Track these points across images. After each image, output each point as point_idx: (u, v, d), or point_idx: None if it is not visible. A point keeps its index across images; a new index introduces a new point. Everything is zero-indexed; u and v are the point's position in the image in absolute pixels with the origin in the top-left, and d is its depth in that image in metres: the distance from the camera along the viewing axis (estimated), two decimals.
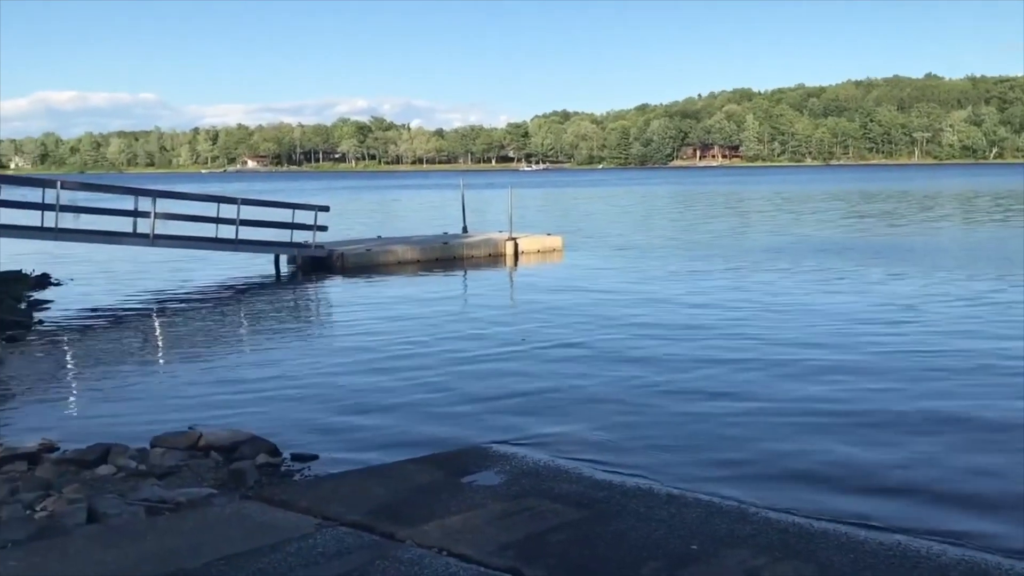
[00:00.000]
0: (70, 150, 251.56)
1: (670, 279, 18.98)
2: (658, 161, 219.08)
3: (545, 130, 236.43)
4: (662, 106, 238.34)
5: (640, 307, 15.16)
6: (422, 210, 52.22)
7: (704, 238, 29.65)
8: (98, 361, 11.86)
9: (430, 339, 12.79)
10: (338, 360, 11.53)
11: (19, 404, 9.57)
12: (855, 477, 6.70)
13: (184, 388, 10.19)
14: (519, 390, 9.70)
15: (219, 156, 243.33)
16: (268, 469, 6.84)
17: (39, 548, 4.73)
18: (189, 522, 5.15)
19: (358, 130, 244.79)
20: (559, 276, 20.47)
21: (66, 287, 19.18)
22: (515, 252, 24.28)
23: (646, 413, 8.62)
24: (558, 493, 5.81)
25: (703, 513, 5.49)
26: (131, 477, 6.47)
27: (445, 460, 6.68)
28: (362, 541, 4.85)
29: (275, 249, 21.95)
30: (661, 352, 11.37)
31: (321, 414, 8.93)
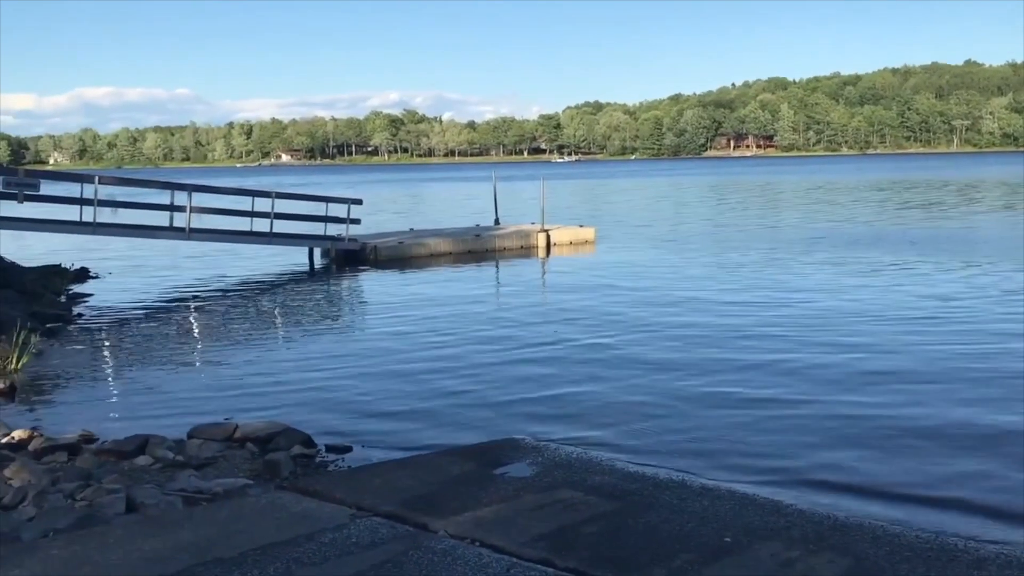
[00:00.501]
0: (107, 145, 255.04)
1: (705, 272, 18.82)
2: (691, 152, 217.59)
3: (577, 121, 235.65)
4: (695, 96, 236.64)
5: (674, 302, 14.98)
6: (454, 202, 52.35)
7: (739, 229, 29.39)
8: (136, 353, 12.03)
9: (462, 332, 12.82)
10: (371, 353, 11.61)
11: (59, 395, 9.74)
12: (893, 487, 6.37)
13: (220, 380, 10.31)
14: (551, 384, 9.70)
15: (253, 150, 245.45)
16: (303, 460, 6.91)
17: (80, 536, 4.82)
18: (225, 512, 5.21)
19: (390, 123, 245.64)
20: (592, 268, 20.40)
21: (104, 280, 19.47)
22: (547, 244, 24.26)
23: (678, 412, 8.51)
24: (590, 485, 5.80)
25: (736, 505, 5.46)
26: (168, 468, 6.56)
27: (477, 452, 6.69)
28: (396, 532, 4.88)
29: (309, 242, 22.12)
30: (695, 350, 11.19)
31: (354, 406, 9.00)
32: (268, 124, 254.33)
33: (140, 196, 21.84)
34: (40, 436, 7.47)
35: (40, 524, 5.05)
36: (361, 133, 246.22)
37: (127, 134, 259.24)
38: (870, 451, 7.19)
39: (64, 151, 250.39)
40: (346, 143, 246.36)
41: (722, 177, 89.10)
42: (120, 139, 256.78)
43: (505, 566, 4.42)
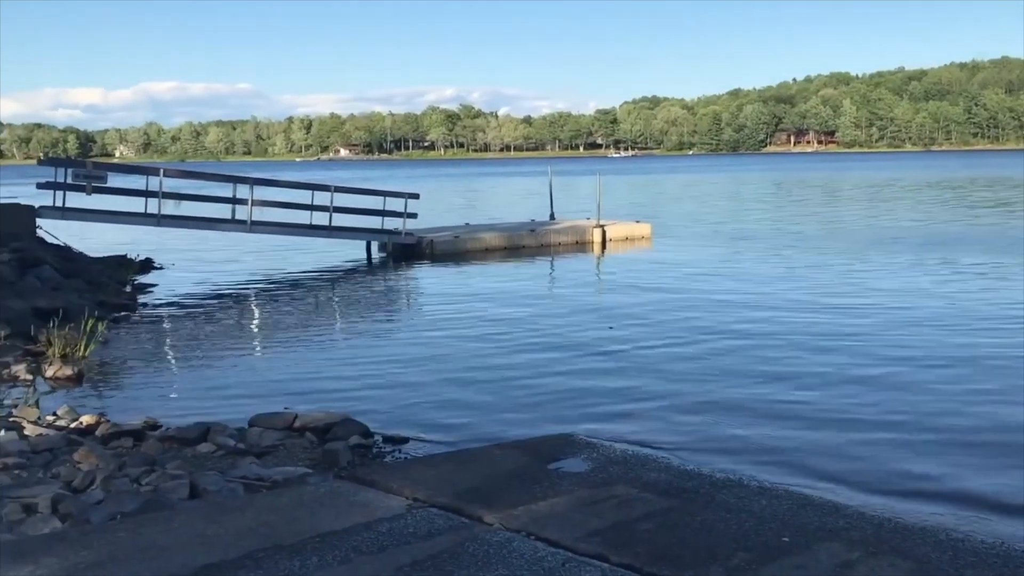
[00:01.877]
0: (171, 139, 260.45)
1: (764, 271, 18.51)
2: (751, 147, 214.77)
3: (634, 116, 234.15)
4: (755, 91, 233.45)
5: (733, 301, 14.74)
6: (509, 197, 52.42)
7: (801, 228, 28.91)
8: (198, 343, 12.29)
9: (516, 326, 12.85)
10: (426, 346, 11.69)
11: (124, 383, 10.00)
12: (957, 492, 6.20)
13: (278, 370, 10.49)
14: (605, 380, 9.67)
15: (312, 145, 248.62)
16: (360, 450, 7.00)
17: (145, 520, 4.94)
18: (285, 499, 5.30)
19: (447, 118, 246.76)
20: (648, 265, 20.27)
21: (168, 271, 19.91)
22: (603, 239, 24.15)
23: (735, 411, 8.39)
24: (646, 481, 5.78)
25: (794, 506, 5.39)
26: (230, 455, 6.70)
27: (532, 446, 6.71)
28: (451, 523, 4.92)
29: (366, 236, 22.34)
30: (753, 350, 11.00)
31: (410, 398, 9.08)
32: (327, 119, 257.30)
33: (203, 189, 22.27)
34: (107, 422, 7.68)
35: (108, 507, 5.20)
36: (418, 128, 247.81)
37: (190, 128, 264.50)
38: (934, 456, 7.06)
39: (129, 144, 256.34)
40: (403, 138, 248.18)
41: (782, 173, 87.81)
42: (183, 133, 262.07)
43: (560, 560, 4.43)
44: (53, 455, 6.52)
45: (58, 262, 16.11)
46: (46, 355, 10.58)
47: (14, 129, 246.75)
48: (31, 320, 11.65)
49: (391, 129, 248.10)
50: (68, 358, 10.40)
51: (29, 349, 10.83)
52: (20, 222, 18.51)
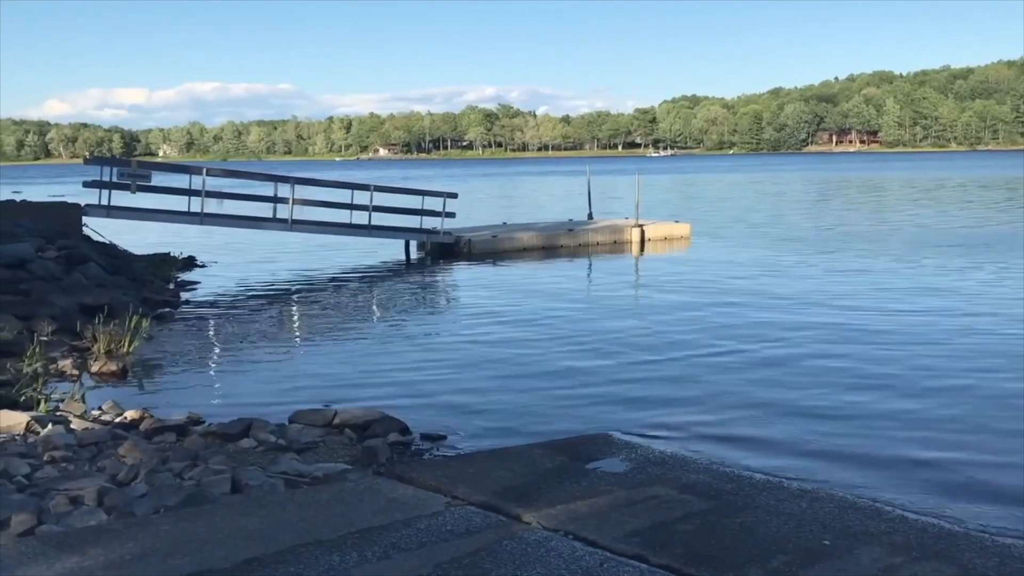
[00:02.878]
0: (213, 138, 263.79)
1: (806, 272, 18.29)
2: (792, 147, 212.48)
3: (673, 115, 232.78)
4: (797, 90, 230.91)
5: (773, 301, 14.63)
6: (547, 197, 52.38)
7: (844, 228, 28.55)
8: (239, 340, 12.44)
9: (554, 326, 12.84)
10: (463, 345, 11.73)
11: (167, 379, 10.15)
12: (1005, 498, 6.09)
13: (318, 367, 10.58)
14: (643, 380, 9.63)
15: (352, 144, 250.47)
16: (399, 447, 7.04)
17: (188, 514, 5.02)
18: (326, 495, 5.35)
19: (485, 118, 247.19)
20: (687, 265, 20.14)
21: (210, 269, 20.16)
22: (641, 239, 24.05)
23: (775, 413, 8.30)
24: (685, 483, 5.75)
25: (835, 508, 5.33)
26: (271, 451, 6.77)
27: (569, 446, 6.70)
28: (489, 521, 4.93)
29: (405, 235, 22.45)
30: (795, 352, 10.87)
31: (447, 396, 9.11)
32: (366, 119, 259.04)
33: (245, 188, 22.53)
34: (150, 417, 7.80)
35: (151, 501, 5.28)
36: (456, 128, 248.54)
37: (232, 128, 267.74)
38: (982, 461, 6.93)
39: (172, 144, 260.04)
40: (441, 138, 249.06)
41: (825, 172, 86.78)
42: (225, 132, 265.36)
43: (598, 560, 4.43)
44: (99, 449, 6.64)
45: (103, 259, 16.40)
46: (91, 351, 10.77)
47: (61, 129, 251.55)
48: (77, 316, 11.87)
49: (429, 129, 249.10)
50: (113, 354, 10.58)
51: (75, 345, 11.04)
52: (67, 220, 18.88)
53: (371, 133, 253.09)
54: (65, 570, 4.24)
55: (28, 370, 9.40)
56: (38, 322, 11.32)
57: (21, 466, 5.95)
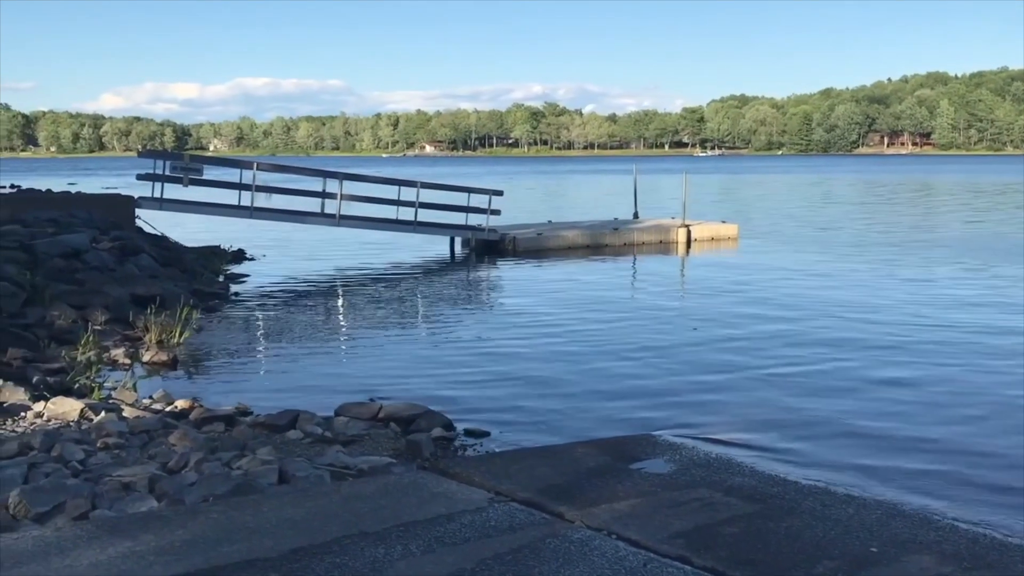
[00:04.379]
0: (263, 133, 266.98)
1: (857, 276, 17.93)
2: (842, 148, 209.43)
3: (722, 115, 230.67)
4: (848, 90, 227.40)
5: (821, 305, 14.36)
6: (593, 195, 52.23)
7: (896, 231, 28.04)
8: (287, 332, 12.60)
9: (597, 324, 12.81)
10: (508, 342, 11.75)
11: (217, 369, 10.31)
12: None
13: (362, 361, 10.68)
14: (688, 380, 9.58)
15: (399, 141, 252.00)
16: (442, 442, 7.08)
17: (236, 503, 5.10)
18: (371, 488, 5.41)
19: (531, 116, 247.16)
20: (734, 266, 19.95)
21: (259, 262, 20.43)
22: (687, 239, 23.89)
23: (822, 418, 8.18)
24: (730, 485, 5.71)
25: (883, 515, 5.26)
26: (317, 443, 6.85)
27: (613, 445, 6.69)
28: (533, 518, 4.94)
29: (451, 232, 22.55)
30: (844, 357, 10.66)
31: (490, 392, 9.14)
32: (414, 116, 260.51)
33: (293, 183, 22.77)
34: (200, 407, 7.94)
35: (201, 489, 5.37)
36: (502, 125, 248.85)
37: (281, 123, 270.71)
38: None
39: (223, 138, 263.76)
40: (487, 135, 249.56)
41: (876, 175, 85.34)
42: (275, 128, 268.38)
43: (642, 560, 4.41)
44: (149, 437, 6.77)
45: (155, 251, 16.71)
46: (143, 340, 10.99)
47: (115, 122, 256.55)
48: (129, 306, 12.11)
49: (476, 126, 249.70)
50: (164, 344, 10.78)
51: (127, 334, 11.27)
52: (121, 212, 19.28)
53: (418, 130, 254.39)
54: (118, 554, 4.33)
55: (82, 358, 9.63)
56: (92, 311, 11.57)
57: (76, 452, 6.09)
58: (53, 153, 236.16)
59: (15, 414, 7.20)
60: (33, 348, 9.84)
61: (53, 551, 4.33)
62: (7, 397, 7.56)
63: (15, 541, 4.45)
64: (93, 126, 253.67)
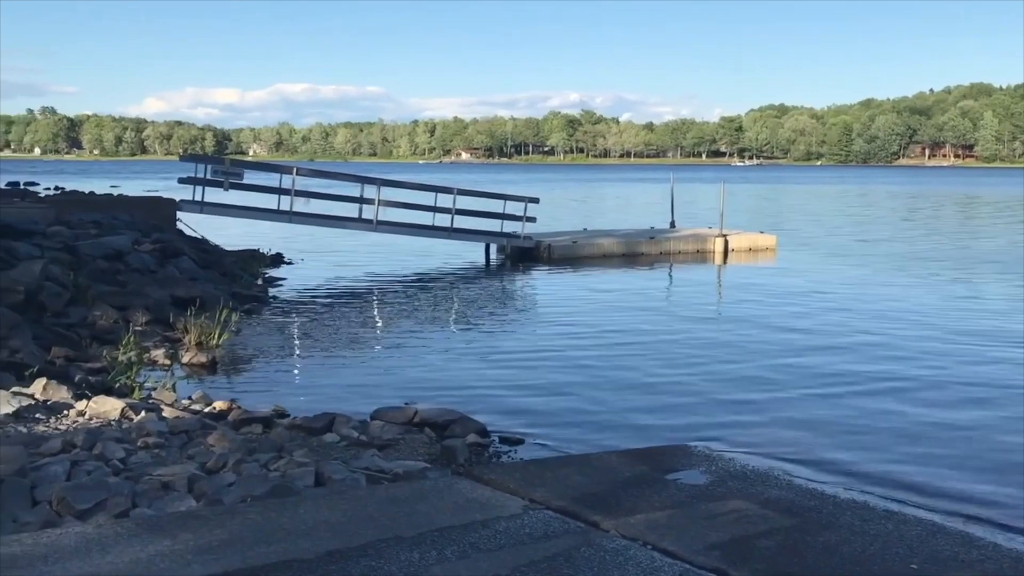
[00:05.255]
0: (302, 139, 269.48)
1: (895, 290, 17.64)
2: (882, 159, 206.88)
3: (760, 124, 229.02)
4: (889, 101, 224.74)
5: (860, 317, 14.22)
6: (629, 204, 52.08)
7: (937, 245, 27.62)
8: (323, 335, 12.70)
9: (632, 333, 12.77)
10: (541, 349, 11.75)
11: (254, 371, 10.42)
12: None
13: (398, 366, 10.73)
14: (723, 391, 9.51)
15: (435, 148, 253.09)
16: (477, 449, 7.10)
17: (273, 504, 5.14)
18: (406, 492, 5.42)
19: (567, 123, 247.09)
20: (771, 277, 19.80)
21: (296, 266, 20.62)
22: (725, 249, 23.73)
23: (860, 431, 8.10)
24: (766, 498, 5.65)
25: (924, 532, 5.17)
26: (353, 446, 6.90)
27: (648, 455, 6.65)
28: (568, 527, 4.93)
29: (486, 238, 22.59)
30: (884, 369, 10.55)
31: (524, 400, 9.14)
32: (450, 123, 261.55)
33: (331, 188, 22.97)
34: (238, 408, 8.03)
35: (239, 490, 5.43)
36: (539, 133, 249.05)
37: (320, 129, 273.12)
38: None
39: (262, 143, 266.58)
40: (523, 142, 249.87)
41: (918, 187, 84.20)
42: (313, 133, 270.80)
43: (677, 571, 4.38)
44: (188, 437, 6.85)
45: (196, 253, 16.92)
46: (183, 342, 11.13)
47: (157, 126, 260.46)
48: (170, 308, 12.28)
49: (512, 134, 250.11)
50: (203, 346, 10.91)
51: (167, 335, 11.42)
52: (162, 214, 19.56)
53: (454, 137, 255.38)
54: (157, 552, 4.38)
55: (123, 358, 9.77)
56: (133, 312, 11.74)
57: (117, 450, 6.18)
58: (96, 156, 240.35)
59: (58, 412, 7.32)
60: (76, 347, 10.01)
61: (95, 547, 4.39)
62: (51, 395, 7.69)
63: (59, 537, 4.52)
64: (135, 130, 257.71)
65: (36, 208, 19.85)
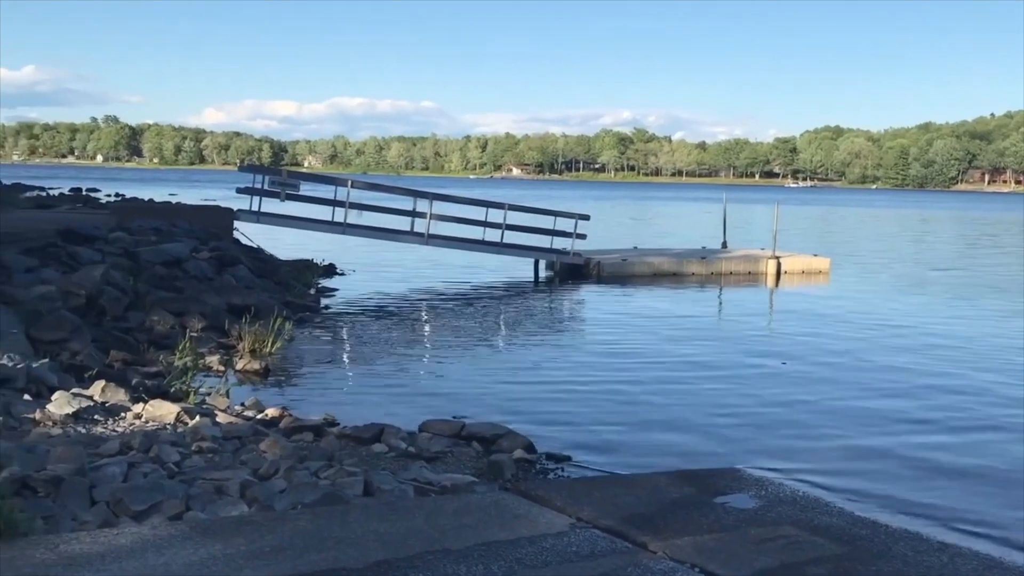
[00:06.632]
0: (356, 152, 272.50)
1: (954, 320, 17.14)
2: (940, 184, 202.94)
3: (815, 146, 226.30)
4: (948, 125, 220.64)
5: (914, 344, 13.95)
6: (680, 223, 51.78)
7: (998, 272, 26.97)
8: (373, 346, 12.83)
9: (680, 354, 12.69)
10: (589, 367, 11.73)
11: (306, 379, 10.56)
12: None
13: (446, 379, 10.80)
14: (773, 415, 9.41)
15: (487, 163, 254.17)
16: (524, 464, 7.10)
17: (323, 512, 5.20)
18: (453, 505, 5.45)
19: (619, 141, 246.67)
20: (824, 300, 19.52)
21: (348, 277, 20.84)
22: (777, 271, 23.46)
23: (914, 461, 7.94)
24: (816, 525, 5.57)
25: (979, 566, 5.06)
26: (401, 457, 6.95)
27: (697, 477, 6.60)
28: (615, 546, 4.91)
29: (536, 254, 22.62)
30: (941, 399, 10.31)
31: (571, 417, 9.14)
32: (502, 138, 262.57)
33: (383, 201, 23.21)
34: (289, 416, 8.14)
35: (290, 497, 5.50)
36: (589, 150, 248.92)
37: (374, 142, 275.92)
38: None
39: (317, 155, 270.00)
40: (574, 159, 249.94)
41: (977, 212, 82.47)
42: (367, 147, 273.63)
43: None
44: (241, 443, 6.96)
45: (251, 262, 17.22)
46: (237, 349, 11.31)
47: (215, 136, 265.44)
48: (225, 315, 12.49)
49: (563, 150, 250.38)
50: (256, 353, 11.07)
51: (222, 342, 11.62)
52: (220, 223, 19.94)
53: (506, 153, 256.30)
54: (209, 556, 4.46)
55: (179, 363, 9.97)
56: (190, 318, 11.98)
57: (172, 453, 6.30)
58: (156, 164, 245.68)
59: (116, 414, 7.49)
60: (133, 351, 10.25)
61: (150, 549, 4.48)
62: (109, 397, 7.87)
63: (115, 536, 4.63)
64: (195, 139, 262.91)
65: (98, 214, 20.38)
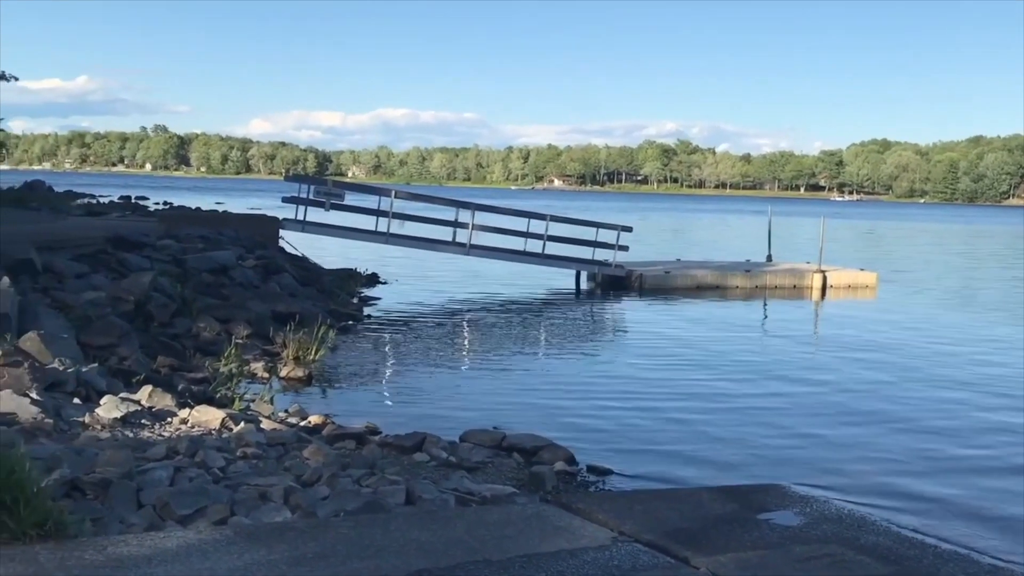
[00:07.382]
0: (399, 162, 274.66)
1: (1004, 336, 16.79)
2: (990, 199, 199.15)
3: (862, 159, 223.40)
4: (1000, 139, 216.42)
5: (968, 362, 13.63)
6: (723, 235, 51.38)
7: None
8: (415, 355, 12.89)
9: (723, 368, 12.57)
10: (631, 379, 11.67)
11: (348, 387, 10.64)
12: None
13: (486, 389, 10.81)
14: (818, 431, 9.28)
15: (528, 174, 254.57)
16: (565, 477, 7.08)
17: (365, 520, 5.23)
18: (494, 516, 5.45)
19: (662, 153, 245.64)
20: (871, 315, 19.23)
21: (391, 286, 20.97)
22: (823, 285, 23.15)
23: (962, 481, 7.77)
24: (862, 544, 5.48)
25: None
26: (442, 467, 6.97)
27: (740, 493, 6.52)
28: (657, 561, 4.87)
29: (577, 265, 22.58)
30: (987, 419, 10.08)
31: (612, 430, 9.09)
32: (544, 150, 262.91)
33: (425, 211, 23.34)
34: (332, 423, 8.20)
35: (332, 504, 5.54)
36: (632, 162, 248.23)
37: (417, 153, 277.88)
38: None
39: (361, 165, 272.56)
40: (617, 171, 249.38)
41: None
42: (411, 157, 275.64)
43: None
44: (285, 449, 7.03)
45: (296, 271, 17.42)
46: (281, 356, 11.43)
47: (262, 146, 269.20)
48: (270, 323, 12.63)
49: (605, 162, 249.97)
50: (300, 360, 11.18)
51: (267, 349, 11.75)
52: (265, 232, 20.19)
53: (548, 164, 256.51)
54: (253, 561, 4.50)
55: (224, 370, 10.10)
56: (235, 325, 12.13)
57: (217, 459, 6.38)
58: (203, 173, 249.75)
59: (162, 419, 7.60)
60: (180, 357, 10.40)
61: (195, 553, 4.54)
62: (156, 402, 8.00)
63: (162, 540, 4.69)
64: (241, 149, 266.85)
65: (147, 222, 20.76)
